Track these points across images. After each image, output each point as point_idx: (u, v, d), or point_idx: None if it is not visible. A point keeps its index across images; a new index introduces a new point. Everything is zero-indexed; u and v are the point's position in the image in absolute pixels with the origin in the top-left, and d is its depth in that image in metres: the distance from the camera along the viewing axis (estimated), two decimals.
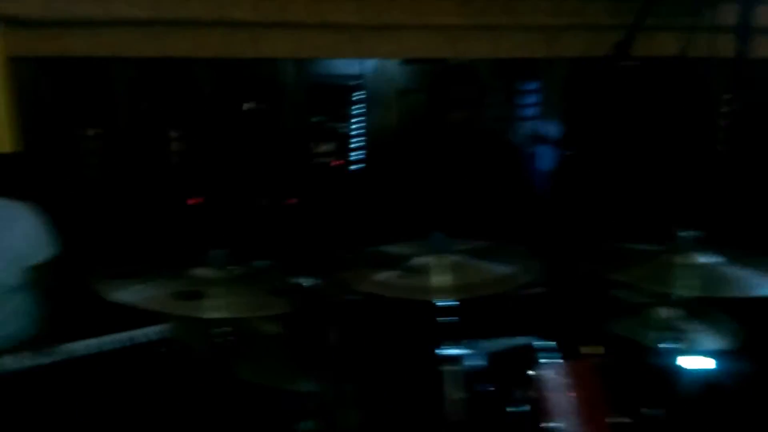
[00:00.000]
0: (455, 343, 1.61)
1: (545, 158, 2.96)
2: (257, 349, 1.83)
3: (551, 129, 3.04)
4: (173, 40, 2.73)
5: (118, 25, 2.69)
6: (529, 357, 1.61)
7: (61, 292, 2.17)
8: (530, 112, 3.14)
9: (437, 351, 1.60)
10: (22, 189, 2.31)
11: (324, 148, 3.10)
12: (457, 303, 1.59)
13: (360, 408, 1.69)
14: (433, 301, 1.60)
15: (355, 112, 3.06)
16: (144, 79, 2.92)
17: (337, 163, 3.12)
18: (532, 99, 3.11)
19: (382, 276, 1.65)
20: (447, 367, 1.58)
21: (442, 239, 1.67)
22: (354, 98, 3.04)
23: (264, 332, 1.89)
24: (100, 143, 3.02)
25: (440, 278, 1.58)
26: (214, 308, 1.56)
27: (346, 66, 3.03)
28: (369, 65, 3.02)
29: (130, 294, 1.59)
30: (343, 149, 3.08)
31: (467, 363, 1.59)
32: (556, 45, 2.95)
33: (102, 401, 1.75)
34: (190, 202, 3.01)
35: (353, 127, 3.07)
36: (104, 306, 1.59)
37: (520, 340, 1.69)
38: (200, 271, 1.73)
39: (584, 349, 1.66)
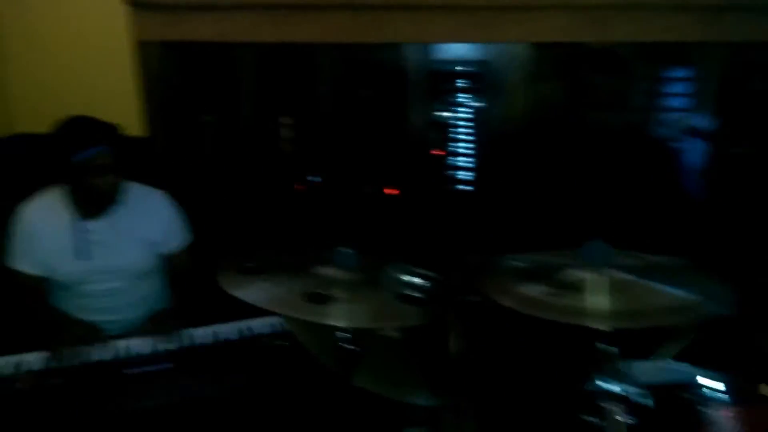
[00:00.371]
0: (608, 374, 1.40)
1: (698, 155, 2.62)
2: (375, 354, 1.70)
3: (705, 122, 2.69)
4: (298, 25, 2.66)
5: (244, 10, 2.65)
6: (696, 395, 1.37)
7: (189, 279, 2.18)
8: (681, 102, 2.79)
9: (588, 384, 1.40)
10: (149, 173, 2.33)
11: (441, 137, 2.93)
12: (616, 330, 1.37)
13: (476, 427, 1.53)
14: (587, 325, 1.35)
15: (476, 101, 2.86)
16: (266, 64, 2.87)
17: (444, 153, 2.94)
18: (683, 88, 2.76)
19: (527, 289, 1.45)
20: (601, 403, 1.37)
21: (601, 250, 1.43)
22: (476, 86, 2.83)
23: (384, 337, 1.77)
24: (221, 129, 3.01)
25: (598, 299, 1.35)
26: (339, 315, 1.42)
27: (470, 51, 2.82)
28: (495, 50, 2.80)
29: (255, 292, 1.50)
30: (462, 139, 2.89)
31: (624, 396, 1.38)
32: (714, 28, 2.60)
33: (216, 390, 1.70)
34: (298, 187, 2.95)
35: (472, 116, 2.87)
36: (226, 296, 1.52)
37: (685, 373, 1.45)
38: (325, 271, 1.62)
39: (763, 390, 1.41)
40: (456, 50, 2.81)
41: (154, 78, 2.82)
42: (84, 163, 1.90)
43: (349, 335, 1.52)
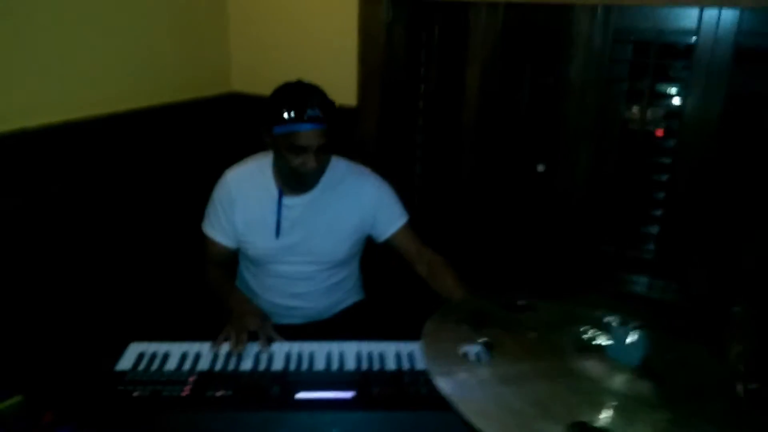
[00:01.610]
0: None
1: None
2: None
3: None
4: None
5: None
6: None
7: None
8: None
9: None
10: (354, 147, 2.02)
11: (651, 115, 2.19)
12: None
13: None
14: None
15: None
16: (509, 28, 2.35)
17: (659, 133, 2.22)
18: None
19: None
20: None
21: None
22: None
23: None
24: (438, 101, 2.60)
25: None
26: None
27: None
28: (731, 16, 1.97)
29: (468, 390, 1.01)
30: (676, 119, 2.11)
31: None
32: None
33: None
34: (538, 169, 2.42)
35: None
36: None
37: None
38: (592, 367, 1.04)
39: None
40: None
41: (374, 39, 2.47)
42: (286, 137, 1.68)
43: None
